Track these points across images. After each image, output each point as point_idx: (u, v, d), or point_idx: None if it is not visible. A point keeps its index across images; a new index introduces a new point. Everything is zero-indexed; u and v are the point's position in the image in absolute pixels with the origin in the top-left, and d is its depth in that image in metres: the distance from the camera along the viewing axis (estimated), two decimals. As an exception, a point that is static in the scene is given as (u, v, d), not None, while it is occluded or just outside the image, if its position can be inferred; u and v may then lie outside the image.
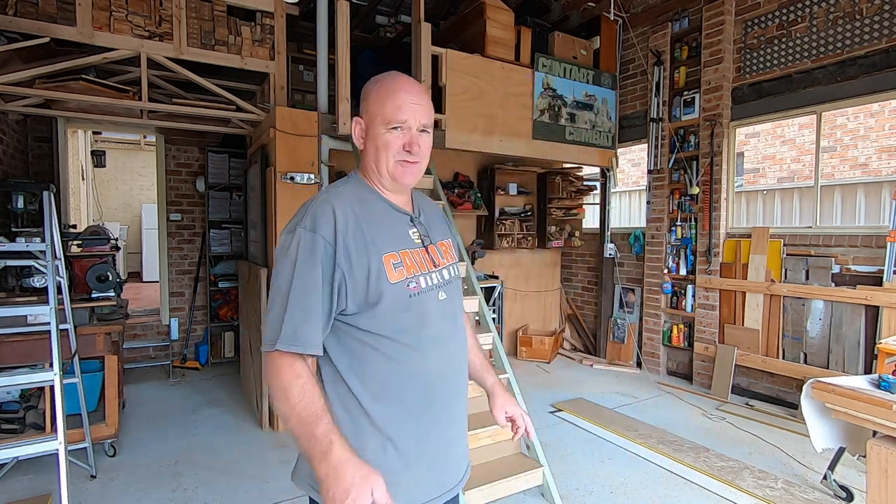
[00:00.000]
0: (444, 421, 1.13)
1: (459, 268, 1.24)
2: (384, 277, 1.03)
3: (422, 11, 3.92)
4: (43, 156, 4.53)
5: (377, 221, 1.07)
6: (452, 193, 5.26)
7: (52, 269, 2.49)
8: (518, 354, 5.63)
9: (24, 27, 3.04)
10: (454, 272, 1.19)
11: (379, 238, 1.05)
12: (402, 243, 1.09)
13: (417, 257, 1.10)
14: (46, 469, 2.93)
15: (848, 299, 3.68)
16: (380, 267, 1.03)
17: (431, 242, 1.15)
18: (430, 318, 1.08)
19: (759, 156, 8.24)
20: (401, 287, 1.05)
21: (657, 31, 5.04)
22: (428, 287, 1.09)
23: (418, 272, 1.08)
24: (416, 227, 1.14)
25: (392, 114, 1.05)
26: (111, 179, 9.96)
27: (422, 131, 1.08)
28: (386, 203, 1.12)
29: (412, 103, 1.06)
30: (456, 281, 1.19)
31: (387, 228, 1.08)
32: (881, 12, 3.60)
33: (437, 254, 1.15)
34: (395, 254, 1.06)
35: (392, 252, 1.06)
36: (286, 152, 3.53)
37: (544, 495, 2.72)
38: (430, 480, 1.10)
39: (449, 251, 1.20)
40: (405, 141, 1.06)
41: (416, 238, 1.12)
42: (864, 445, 2.32)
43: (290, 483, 2.86)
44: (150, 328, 5.23)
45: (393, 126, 1.05)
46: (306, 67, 5.07)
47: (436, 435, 1.11)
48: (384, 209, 1.11)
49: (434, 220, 1.22)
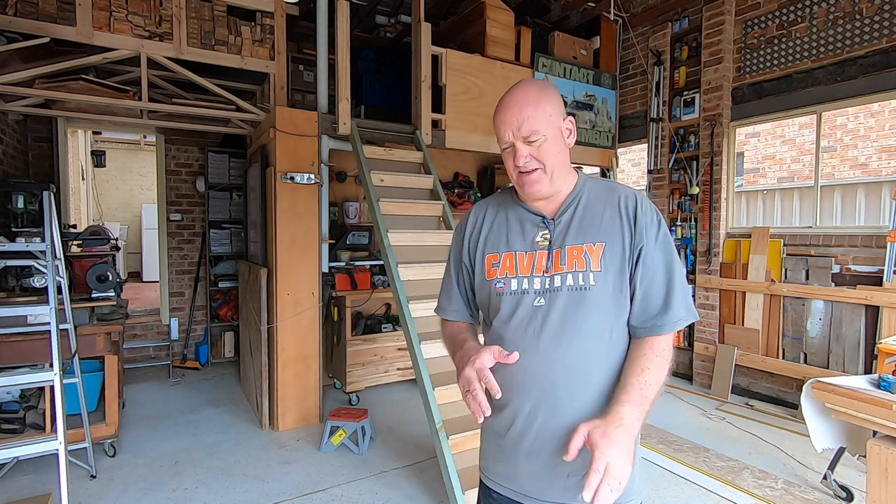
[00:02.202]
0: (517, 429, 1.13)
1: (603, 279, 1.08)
2: (482, 273, 1.19)
3: (422, 11, 3.92)
4: (43, 156, 4.53)
5: (502, 225, 1.21)
6: (452, 193, 5.26)
7: (52, 269, 2.49)
8: (518, 354, 5.62)
9: (24, 27, 3.04)
10: (576, 280, 1.08)
11: (492, 239, 1.20)
12: (518, 245, 1.16)
13: (525, 260, 1.14)
14: (46, 469, 2.93)
15: (848, 299, 3.68)
16: (482, 265, 1.20)
17: (559, 246, 1.12)
18: (517, 319, 1.12)
19: (759, 156, 8.24)
20: (490, 284, 1.17)
21: (657, 31, 5.04)
22: (520, 290, 1.12)
23: (514, 274, 1.14)
24: (547, 229, 1.14)
25: (500, 137, 1.13)
26: (111, 179, 9.95)
27: (528, 142, 1.09)
28: (520, 208, 1.20)
29: (510, 121, 1.09)
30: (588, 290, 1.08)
31: (507, 231, 1.19)
32: (881, 12, 3.60)
33: (559, 259, 1.11)
34: (497, 255, 1.17)
35: (495, 253, 1.18)
36: (286, 152, 3.54)
37: (544, 495, 2.72)
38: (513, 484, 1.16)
39: (584, 256, 1.09)
40: (514, 158, 1.11)
41: (542, 241, 1.14)
42: (864, 445, 2.32)
43: (290, 483, 2.87)
44: (150, 328, 5.23)
45: (504, 147, 1.14)
46: (306, 67, 5.08)
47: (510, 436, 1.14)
48: (516, 214, 1.20)
49: (592, 222, 1.12)
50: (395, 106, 4.51)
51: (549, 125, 1.08)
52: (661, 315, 1.08)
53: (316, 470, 3.04)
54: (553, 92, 1.12)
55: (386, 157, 3.73)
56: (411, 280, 3.19)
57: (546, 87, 1.12)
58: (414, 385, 4.57)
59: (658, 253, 1.10)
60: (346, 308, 4.13)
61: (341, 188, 4.77)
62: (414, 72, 4.02)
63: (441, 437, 2.56)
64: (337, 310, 4.23)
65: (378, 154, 3.70)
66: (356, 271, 4.25)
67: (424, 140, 3.91)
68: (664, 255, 1.10)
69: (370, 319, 4.42)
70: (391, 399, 4.31)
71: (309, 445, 3.37)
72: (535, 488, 1.12)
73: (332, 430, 3.28)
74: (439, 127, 4.12)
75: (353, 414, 3.32)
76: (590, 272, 1.08)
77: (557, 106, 1.11)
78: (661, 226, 1.12)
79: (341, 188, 4.77)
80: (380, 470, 3.05)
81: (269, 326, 3.62)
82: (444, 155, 5.26)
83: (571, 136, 1.14)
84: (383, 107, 4.56)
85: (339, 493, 2.78)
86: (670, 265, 1.10)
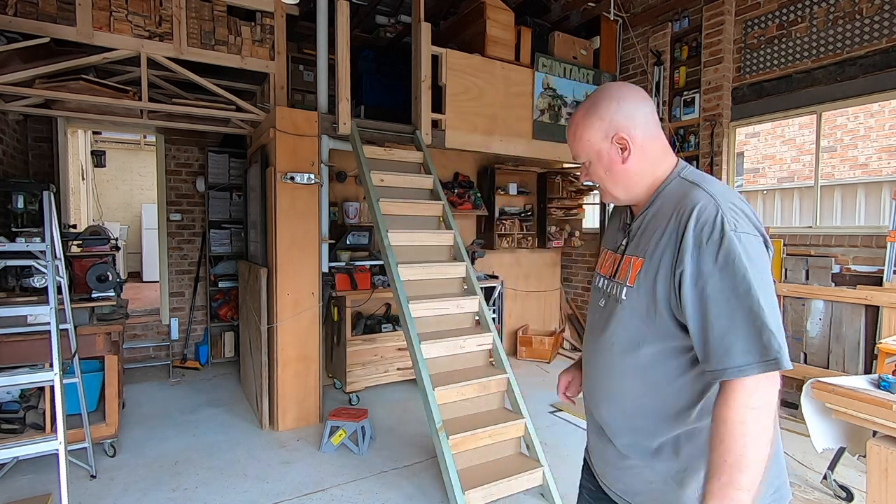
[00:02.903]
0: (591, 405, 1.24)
1: (633, 296, 1.07)
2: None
3: (422, 11, 3.92)
4: (43, 156, 4.53)
5: (612, 221, 1.33)
6: (452, 193, 5.26)
7: (52, 269, 2.49)
8: (518, 354, 5.63)
9: (24, 27, 3.04)
10: (619, 292, 1.10)
11: (606, 234, 1.33)
12: (610, 244, 1.26)
13: (609, 260, 1.21)
14: (46, 469, 2.93)
15: (848, 299, 3.68)
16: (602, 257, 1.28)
17: (623, 253, 1.15)
18: (590, 313, 1.26)
19: (759, 156, 8.24)
20: (594, 276, 1.28)
21: (657, 31, 5.04)
22: (597, 287, 1.23)
23: (601, 272, 1.23)
24: (625, 234, 1.18)
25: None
26: (111, 179, 9.95)
27: (588, 164, 1.16)
28: (622, 208, 1.25)
29: (571, 147, 1.19)
30: (619, 303, 1.09)
31: (611, 230, 1.31)
32: (881, 12, 3.60)
33: (621, 265, 1.14)
34: (603, 249, 1.28)
35: (603, 248, 1.29)
36: (286, 152, 3.54)
37: (544, 495, 2.72)
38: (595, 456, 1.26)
39: (631, 270, 1.08)
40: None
41: (621, 245, 1.18)
42: (864, 445, 2.32)
43: (290, 483, 2.87)
44: (150, 328, 5.23)
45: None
46: (306, 67, 5.07)
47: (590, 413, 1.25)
48: (618, 213, 1.29)
49: (650, 234, 1.07)
50: (395, 106, 4.51)
51: (589, 150, 1.13)
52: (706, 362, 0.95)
53: (316, 470, 3.04)
54: (593, 116, 1.11)
55: (386, 157, 3.73)
56: (411, 280, 3.19)
57: (588, 113, 1.12)
58: (414, 385, 4.57)
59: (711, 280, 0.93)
60: (346, 308, 4.13)
61: (341, 188, 4.77)
62: (414, 72, 4.02)
63: (441, 437, 2.56)
64: (337, 310, 4.23)
65: (378, 154, 3.70)
66: (356, 271, 4.25)
67: (424, 140, 3.91)
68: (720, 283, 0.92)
69: (370, 319, 4.42)
70: (391, 399, 4.31)
71: (309, 445, 3.37)
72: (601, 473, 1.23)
73: (332, 430, 3.29)
74: (439, 127, 4.12)
75: (353, 414, 3.32)
76: (625, 286, 1.08)
77: (598, 130, 1.10)
78: (722, 248, 0.92)
79: (341, 188, 4.77)
80: (380, 470, 3.05)
81: (269, 326, 3.62)
82: (444, 155, 5.26)
83: (626, 151, 1.09)
84: (383, 107, 4.56)
85: (339, 493, 2.78)
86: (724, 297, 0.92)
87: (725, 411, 0.90)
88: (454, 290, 3.43)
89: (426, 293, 3.27)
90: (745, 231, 0.94)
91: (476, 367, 3.13)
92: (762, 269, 0.92)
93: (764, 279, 0.92)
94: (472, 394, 2.91)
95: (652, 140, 1.10)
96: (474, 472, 2.66)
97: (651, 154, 1.10)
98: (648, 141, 1.10)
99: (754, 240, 0.94)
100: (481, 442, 2.74)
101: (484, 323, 3.24)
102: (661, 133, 1.13)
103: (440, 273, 3.35)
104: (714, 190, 1.01)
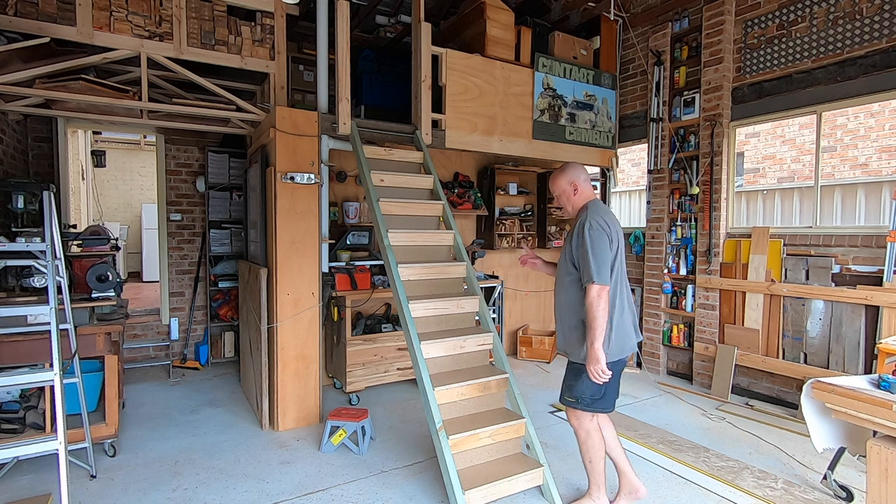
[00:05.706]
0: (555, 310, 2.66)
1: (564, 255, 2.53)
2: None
3: (422, 11, 3.92)
4: (43, 156, 4.53)
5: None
6: (452, 193, 5.26)
7: (52, 269, 2.49)
8: (518, 354, 5.63)
9: (24, 27, 3.04)
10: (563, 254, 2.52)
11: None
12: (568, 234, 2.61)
13: (565, 241, 2.61)
14: (46, 469, 2.93)
15: (848, 299, 3.68)
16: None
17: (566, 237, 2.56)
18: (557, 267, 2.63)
19: (759, 156, 8.24)
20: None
21: (657, 31, 5.04)
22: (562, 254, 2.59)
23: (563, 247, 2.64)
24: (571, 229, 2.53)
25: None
26: (111, 179, 9.95)
27: (558, 196, 2.60)
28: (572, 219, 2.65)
29: (551, 187, 2.65)
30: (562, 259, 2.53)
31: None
32: (881, 12, 3.61)
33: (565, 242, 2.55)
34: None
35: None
36: (286, 152, 3.54)
37: (544, 495, 2.72)
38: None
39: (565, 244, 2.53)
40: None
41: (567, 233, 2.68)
42: (864, 445, 2.32)
43: (290, 483, 2.88)
44: (150, 328, 5.23)
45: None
46: (306, 67, 5.07)
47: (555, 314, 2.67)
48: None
49: (573, 228, 2.46)
50: (395, 106, 4.51)
51: (560, 191, 2.58)
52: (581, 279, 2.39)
53: (316, 470, 3.04)
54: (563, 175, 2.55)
55: (386, 157, 3.73)
56: (411, 280, 3.19)
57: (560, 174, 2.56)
58: (414, 385, 4.57)
59: (579, 246, 2.37)
60: (346, 308, 4.13)
61: (341, 188, 4.77)
62: (414, 72, 4.02)
63: (441, 437, 2.56)
64: (337, 310, 4.23)
65: (378, 154, 3.70)
66: (356, 271, 4.25)
67: (424, 140, 3.91)
68: (581, 247, 2.36)
69: (370, 319, 4.42)
70: (391, 399, 4.31)
71: (309, 445, 3.37)
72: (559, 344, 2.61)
73: (332, 430, 3.29)
74: (439, 127, 4.12)
75: (353, 414, 3.32)
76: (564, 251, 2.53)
77: (565, 181, 2.54)
78: (584, 234, 2.33)
79: (341, 188, 4.77)
80: (380, 470, 3.05)
81: (269, 326, 3.62)
82: (444, 155, 5.26)
83: (576, 192, 2.53)
84: (383, 107, 4.56)
85: (339, 493, 2.78)
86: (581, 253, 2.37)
87: (587, 300, 2.27)
88: (454, 290, 3.43)
89: (426, 293, 3.27)
90: (596, 229, 2.32)
91: (476, 366, 3.13)
92: (599, 244, 2.28)
93: (596, 248, 2.28)
94: (472, 394, 2.91)
95: (585, 185, 2.53)
96: (474, 472, 2.66)
97: (583, 193, 2.53)
98: (584, 185, 2.53)
99: (600, 233, 2.31)
100: (481, 442, 2.74)
101: (484, 323, 3.24)
102: (590, 184, 2.55)
103: (440, 273, 3.35)
104: (592, 212, 2.39)
